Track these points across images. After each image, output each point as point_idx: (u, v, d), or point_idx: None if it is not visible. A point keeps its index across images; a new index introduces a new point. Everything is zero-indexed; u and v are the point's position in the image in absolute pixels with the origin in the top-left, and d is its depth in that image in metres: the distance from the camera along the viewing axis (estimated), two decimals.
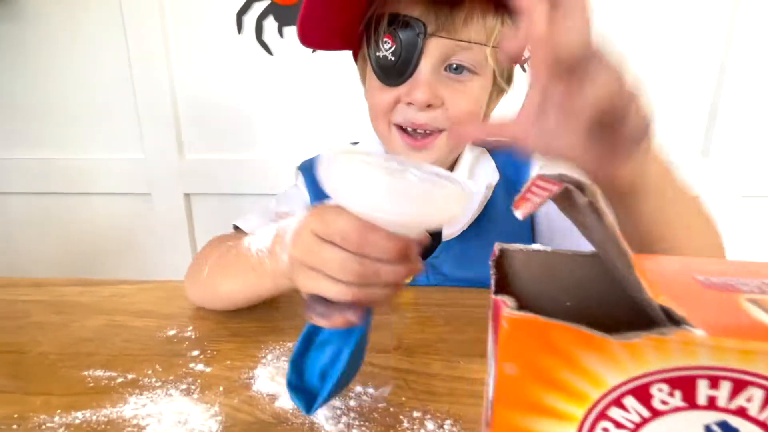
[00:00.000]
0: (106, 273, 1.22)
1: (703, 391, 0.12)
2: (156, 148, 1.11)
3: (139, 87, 1.07)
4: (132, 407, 0.30)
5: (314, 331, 0.28)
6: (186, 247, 1.19)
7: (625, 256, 0.14)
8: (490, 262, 0.17)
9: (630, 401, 0.12)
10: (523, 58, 0.23)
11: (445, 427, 0.28)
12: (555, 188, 0.15)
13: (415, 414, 0.30)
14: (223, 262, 0.41)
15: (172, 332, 0.41)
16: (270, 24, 1.03)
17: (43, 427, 0.29)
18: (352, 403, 0.31)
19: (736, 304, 0.13)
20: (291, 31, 1.03)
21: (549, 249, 0.18)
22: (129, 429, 0.28)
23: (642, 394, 0.12)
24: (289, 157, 1.10)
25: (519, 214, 0.16)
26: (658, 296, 0.13)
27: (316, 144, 1.10)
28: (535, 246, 0.18)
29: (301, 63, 1.05)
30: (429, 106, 0.44)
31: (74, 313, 0.45)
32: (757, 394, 0.12)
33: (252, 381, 0.33)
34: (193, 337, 0.40)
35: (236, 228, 0.51)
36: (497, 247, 0.18)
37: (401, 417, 0.29)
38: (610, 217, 0.14)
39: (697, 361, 0.12)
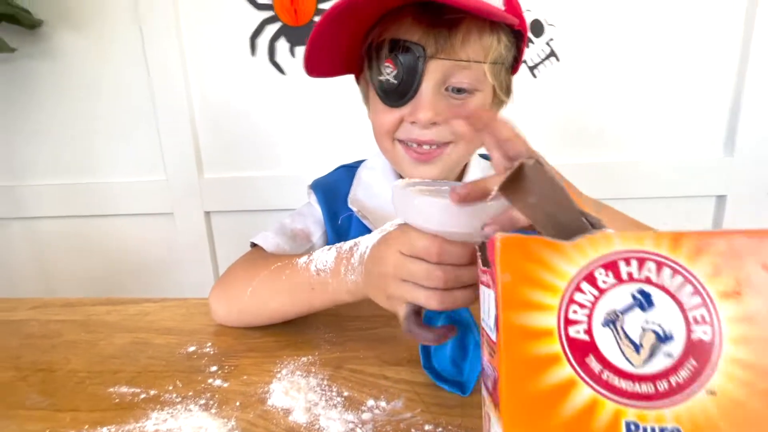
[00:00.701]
0: (133, 290, 1.26)
1: (623, 268, 0.18)
2: (177, 168, 1.15)
3: (160, 112, 1.12)
4: (153, 423, 0.32)
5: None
6: (207, 263, 1.22)
7: (563, 192, 0.20)
8: (476, 248, 0.23)
9: (584, 285, 0.18)
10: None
11: None
12: (511, 168, 0.21)
13: (427, 427, 0.30)
14: (273, 282, 0.42)
15: (192, 348, 0.42)
16: (282, 45, 1.07)
17: None
18: (365, 416, 0.31)
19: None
20: (302, 51, 1.06)
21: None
22: None
23: (590, 278, 0.18)
24: (303, 172, 1.13)
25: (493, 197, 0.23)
26: (584, 209, 0.20)
27: (328, 158, 1.12)
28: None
29: (313, 82, 1.08)
30: (433, 123, 0.45)
31: (102, 331, 0.47)
32: (652, 266, 0.18)
33: (267, 396, 0.34)
34: (212, 353, 0.42)
35: (253, 245, 0.53)
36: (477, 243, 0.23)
37: (413, 430, 0.30)
38: (550, 166, 0.20)
39: (614, 248, 0.18)
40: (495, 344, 0.19)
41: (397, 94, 0.45)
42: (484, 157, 0.58)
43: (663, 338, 0.17)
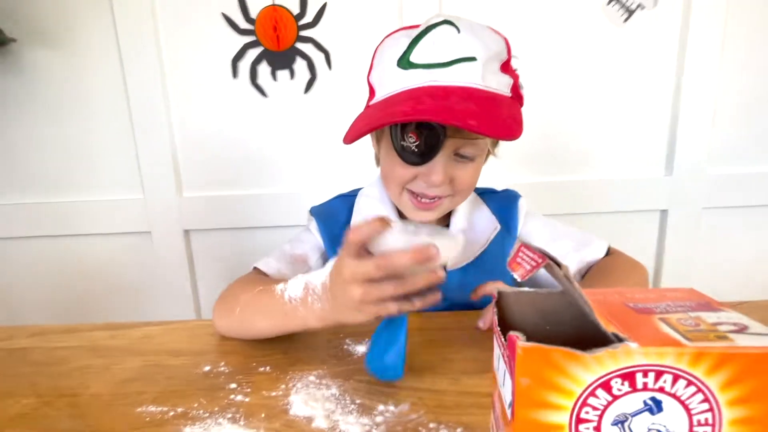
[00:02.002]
0: (109, 312, 1.24)
1: (639, 379, 0.19)
2: (155, 187, 1.16)
3: (138, 130, 1.12)
4: None
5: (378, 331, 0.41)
6: (185, 281, 1.22)
7: (588, 305, 0.21)
8: (493, 302, 0.24)
9: (599, 392, 0.19)
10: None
11: None
12: (541, 261, 0.22)
13: (431, 425, 0.35)
14: (256, 304, 0.47)
15: (207, 368, 0.46)
16: (263, 68, 1.10)
17: None
18: (378, 419, 0.36)
19: (652, 323, 0.20)
20: (283, 74, 1.11)
21: (532, 290, 0.25)
22: None
23: (606, 386, 0.19)
24: (282, 191, 1.16)
25: (518, 276, 0.23)
26: (608, 326, 0.20)
27: (307, 178, 1.17)
28: (523, 288, 0.25)
29: (294, 104, 1.12)
30: (442, 183, 0.52)
31: (111, 356, 0.49)
32: (669, 378, 0.19)
33: (288, 407, 0.39)
34: (227, 371, 0.45)
35: (256, 269, 0.57)
36: (496, 291, 0.25)
37: (420, 428, 0.35)
38: (576, 283, 0.21)
39: (634, 362, 0.19)
40: (510, 421, 0.21)
41: (417, 159, 0.51)
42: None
43: None
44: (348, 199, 0.65)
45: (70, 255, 1.20)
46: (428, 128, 0.49)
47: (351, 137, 0.50)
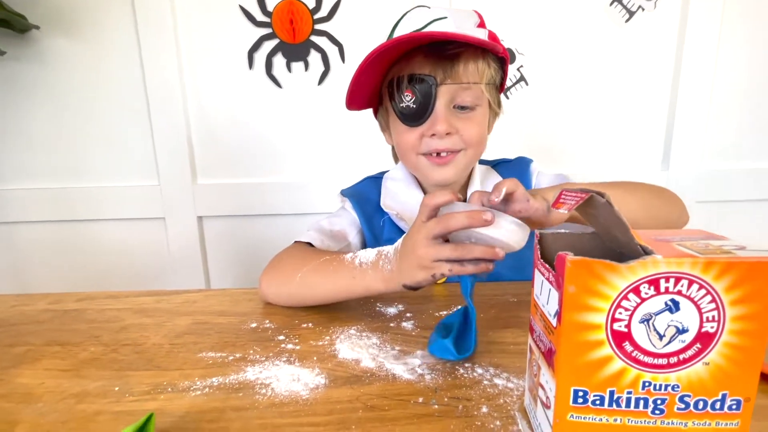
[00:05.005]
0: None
1: (662, 284, 0.24)
2: (170, 174, 1.19)
3: (155, 118, 1.15)
4: (251, 374, 0.39)
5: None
6: (198, 267, 1.25)
7: (625, 225, 0.26)
8: (535, 240, 0.29)
9: (630, 295, 0.24)
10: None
11: (490, 370, 0.39)
12: (583, 195, 0.27)
13: (467, 365, 0.40)
14: (323, 269, 0.51)
15: (253, 325, 0.50)
16: (279, 60, 1.15)
17: (192, 388, 0.37)
18: (417, 361, 0.41)
19: (671, 246, 0.26)
20: (298, 66, 1.15)
21: (568, 231, 0.30)
22: (258, 386, 0.38)
23: (636, 290, 0.24)
24: (295, 180, 1.20)
25: (564, 210, 0.28)
26: (640, 241, 0.25)
27: (320, 167, 1.21)
28: (560, 230, 0.30)
29: (307, 96, 1.17)
30: (447, 134, 0.57)
31: (160, 316, 0.53)
32: (685, 282, 0.24)
33: (336, 352, 0.43)
34: (273, 327, 0.50)
35: (297, 243, 0.61)
36: (537, 232, 0.30)
37: (457, 367, 0.40)
38: (616, 207, 0.26)
39: (659, 270, 0.23)
40: (554, 328, 0.26)
41: (416, 116, 0.56)
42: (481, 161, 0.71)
43: (681, 331, 0.24)
44: (377, 181, 0.70)
45: (85, 239, 1.23)
46: (419, 82, 0.54)
47: (348, 100, 0.57)
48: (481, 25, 0.57)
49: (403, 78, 0.55)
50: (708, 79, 1.14)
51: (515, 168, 0.70)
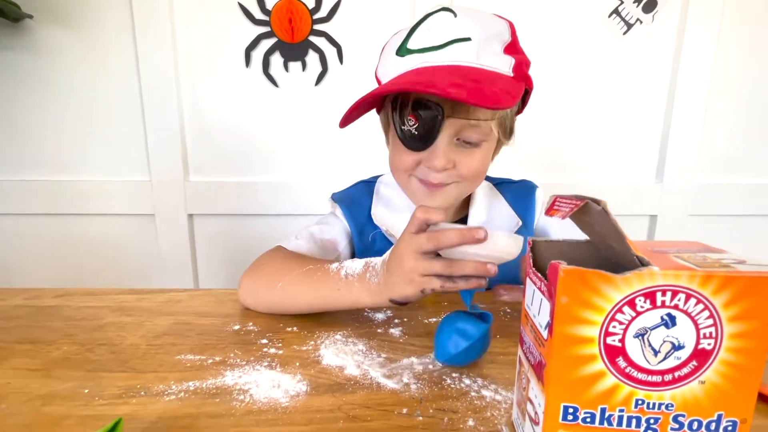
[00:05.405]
0: None
1: (659, 298, 0.22)
2: (162, 171, 1.17)
3: (148, 113, 1.14)
4: (230, 379, 0.38)
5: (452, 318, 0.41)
6: (187, 265, 1.23)
7: (621, 234, 0.24)
8: (528, 247, 0.28)
9: (625, 308, 0.23)
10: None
11: (478, 381, 0.38)
12: (578, 203, 0.26)
13: (454, 375, 0.39)
14: (306, 279, 0.48)
15: (236, 327, 0.48)
16: (276, 59, 1.13)
17: (166, 392, 0.36)
18: (404, 369, 0.40)
19: (669, 258, 0.25)
20: (295, 66, 1.14)
21: (562, 240, 0.29)
22: (236, 392, 0.36)
23: (631, 303, 0.23)
24: (289, 180, 1.19)
25: (558, 217, 0.27)
26: (637, 252, 0.24)
27: (315, 167, 1.19)
28: (554, 239, 0.29)
29: (304, 96, 1.15)
30: (445, 168, 0.53)
31: (141, 315, 0.52)
32: (682, 296, 0.22)
33: (320, 358, 0.42)
34: (257, 329, 0.48)
35: (281, 247, 0.59)
36: (530, 239, 0.29)
37: (444, 377, 0.39)
38: (612, 215, 0.24)
39: (655, 282, 0.22)
40: (545, 340, 0.24)
41: (418, 142, 0.52)
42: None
43: (677, 347, 0.23)
44: (370, 186, 0.67)
45: (72, 235, 1.21)
46: (425, 108, 0.50)
47: (343, 121, 0.52)
48: (510, 46, 0.51)
49: (408, 101, 0.51)
50: (703, 93, 1.15)
51: (519, 192, 0.67)
